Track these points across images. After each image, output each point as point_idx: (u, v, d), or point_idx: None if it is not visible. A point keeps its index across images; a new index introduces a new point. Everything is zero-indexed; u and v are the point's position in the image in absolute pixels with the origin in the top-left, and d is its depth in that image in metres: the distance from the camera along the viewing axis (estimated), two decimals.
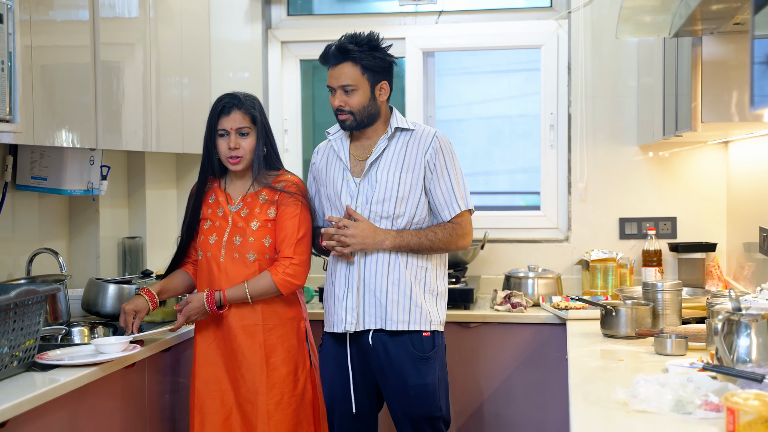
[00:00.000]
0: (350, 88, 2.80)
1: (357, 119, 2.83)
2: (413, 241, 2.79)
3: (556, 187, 4.06)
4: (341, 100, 2.81)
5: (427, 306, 2.84)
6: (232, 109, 2.80)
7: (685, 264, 3.74)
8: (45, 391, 2.25)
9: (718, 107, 2.52)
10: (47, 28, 2.70)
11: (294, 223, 2.83)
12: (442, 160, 2.83)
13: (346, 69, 2.80)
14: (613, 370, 2.41)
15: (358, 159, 2.90)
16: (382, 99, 2.85)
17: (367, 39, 2.82)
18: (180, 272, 2.97)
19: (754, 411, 1.68)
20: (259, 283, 2.80)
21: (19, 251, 3.16)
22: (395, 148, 2.86)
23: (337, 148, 2.92)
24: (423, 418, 2.84)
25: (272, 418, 2.82)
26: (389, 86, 2.87)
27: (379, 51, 2.83)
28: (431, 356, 2.83)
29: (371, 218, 2.83)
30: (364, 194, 2.84)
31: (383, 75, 2.84)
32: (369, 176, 2.85)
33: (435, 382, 2.83)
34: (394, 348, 2.82)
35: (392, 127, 2.87)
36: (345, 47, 2.80)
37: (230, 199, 2.89)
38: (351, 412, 2.89)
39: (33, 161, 3.11)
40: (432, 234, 2.81)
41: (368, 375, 2.89)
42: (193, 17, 3.86)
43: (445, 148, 2.85)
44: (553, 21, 4.03)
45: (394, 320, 2.81)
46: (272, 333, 2.86)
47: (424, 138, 2.85)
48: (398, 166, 2.83)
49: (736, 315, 2.13)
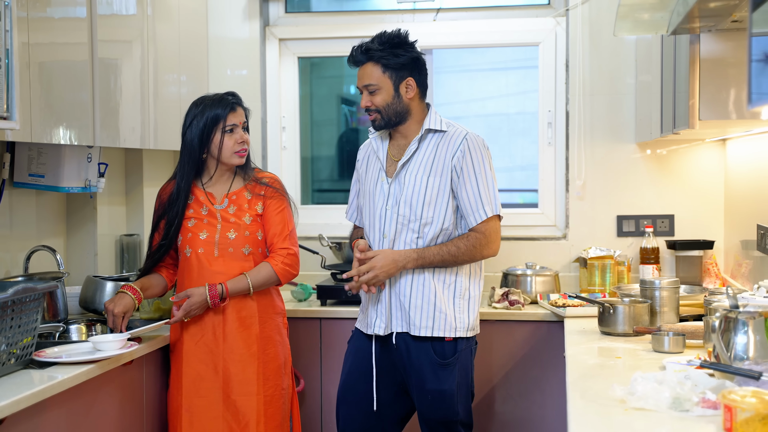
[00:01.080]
0: (373, 87, 2.81)
1: (384, 118, 2.83)
2: (436, 259, 2.77)
3: (553, 184, 4.06)
4: (367, 100, 2.83)
5: (453, 312, 2.82)
6: (236, 105, 2.90)
7: (683, 261, 3.75)
8: (42, 389, 2.25)
9: (716, 105, 2.52)
10: (45, 25, 2.70)
11: (283, 216, 2.93)
12: (469, 163, 2.79)
13: (368, 69, 2.82)
14: (610, 368, 2.41)
15: (393, 159, 2.89)
16: (409, 96, 2.83)
17: (388, 37, 2.81)
18: (155, 275, 2.99)
19: (752, 408, 1.68)
20: (260, 273, 2.87)
21: (17, 248, 3.15)
22: (425, 150, 2.83)
23: (375, 147, 2.93)
24: (439, 422, 2.85)
25: (267, 410, 2.88)
26: (416, 83, 2.84)
27: (401, 48, 2.81)
28: (451, 362, 2.82)
29: (399, 222, 2.82)
30: (394, 196, 2.84)
31: (408, 72, 2.82)
32: (399, 178, 2.84)
33: (453, 388, 2.81)
34: (415, 351, 2.82)
35: (423, 128, 2.84)
36: (366, 47, 2.81)
37: (213, 198, 2.92)
38: (366, 408, 2.89)
39: (30, 158, 3.11)
40: (454, 248, 2.77)
41: (392, 375, 2.89)
42: (191, 14, 3.86)
43: (474, 150, 2.80)
44: (551, 18, 4.03)
45: (417, 325, 2.81)
46: (266, 325, 2.94)
47: (454, 140, 2.81)
48: (426, 169, 2.81)
49: (733, 312, 2.14)
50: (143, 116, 3.36)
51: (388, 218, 2.84)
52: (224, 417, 2.86)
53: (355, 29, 4.09)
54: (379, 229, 2.86)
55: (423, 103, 2.89)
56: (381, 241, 2.85)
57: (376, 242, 2.87)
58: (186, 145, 2.89)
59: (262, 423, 2.87)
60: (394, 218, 2.83)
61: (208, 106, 2.86)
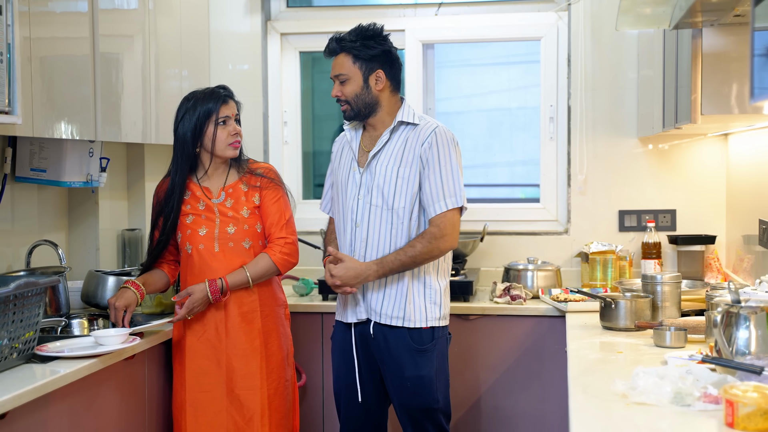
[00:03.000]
0: (343, 77, 2.86)
1: (354, 109, 2.88)
2: (395, 265, 2.80)
3: (555, 179, 4.06)
4: (337, 89, 2.88)
5: (425, 302, 2.86)
6: (228, 98, 2.91)
7: (685, 256, 3.74)
8: (45, 383, 2.26)
9: (718, 99, 2.52)
10: (46, 20, 2.70)
11: (279, 206, 2.94)
12: (435, 155, 2.82)
13: (340, 59, 2.87)
14: (612, 363, 2.41)
15: (365, 150, 2.93)
16: (378, 88, 2.86)
17: (362, 29, 2.87)
18: (157, 271, 3.00)
19: (753, 403, 1.68)
20: (258, 265, 2.88)
21: (19, 243, 3.16)
22: (396, 141, 2.87)
23: (349, 138, 2.97)
24: (419, 410, 2.86)
25: (272, 403, 2.90)
26: (386, 76, 2.87)
27: (373, 40, 2.85)
28: (429, 348, 2.85)
29: (372, 210, 2.85)
30: (365, 185, 2.87)
31: (379, 64, 2.86)
32: (370, 168, 2.88)
33: (432, 375, 2.85)
34: (393, 339, 2.85)
35: (396, 120, 2.88)
36: (340, 38, 2.87)
37: (209, 193, 2.92)
38: (357, 399, 2.92)
39: (32, 153, 3.11)
40: (411, 250, 2.79)
41: (373, 365, 2.92)
42: (193, 8, 3.85)
43: (441, 143, 2.83)
44: (553, 13, 4.02)
45: (389, 315, 2.84)
46: (268, 319, 2.95)
47: (424, 132, 2.85)
48: (397, 160, 2.85)
49: (735, 307, 2.14)
50: (145, 111, 3.36)
51: (360, 207, 2.87)
52: (228, 411, 2.87)
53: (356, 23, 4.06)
54: (351, 219, 2.89)
55: (395, 96, 2.93)
56: (353, 230, 2.88)
57: (348, 231, 2.90)
58: (179, 140, 2.89)
59: (267, 416, 2.88)
60: (366, 207, 2.86)
61: (200, 99, 2.87)
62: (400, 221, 2.84)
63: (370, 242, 2.85)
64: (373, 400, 2.95)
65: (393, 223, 2.84)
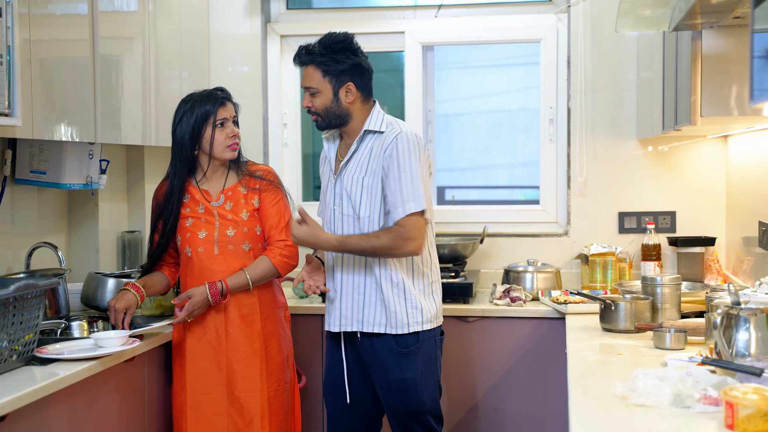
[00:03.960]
0: (313, 90, 2.84)
1: (325, 120, 2.87)
2: (355, 248, 2.76)
3: (555, 181, 4.06)
4: (308, 101, 2.87)
5: (406, 308, 2.82)
6: (226, 100, 2.91)
7: (684, 258, 3.75)
8: (44, 385, 2.26)
9: (718, 101, 2.52)
10: (46, 22, 2.70)
11: (279, 208, 2.94)
12: (395, 161, 2.76)
13: (309, 72, 2.84)
14: (612, 364, 2.41)
15: (340, 159, 2.92)
16: (348, 101, 2.83)
17: (332, 41, 2.81)
18: (157, 273, 3.00)
19: (753, 405, 1.68)
20: (258, 267, 2.89)
21: (19, 245, 3.15)
22: (363, 151, 2.86)
23: (326, 148, 2.97)
24: (406, 413, 2.86)
25: (272, 406, 2.90)
26: (356, 87, 2.83)
27: (343, 54, 2.81)
28: (413, 351, 2.83)
29: (344, 219, 2.84)
30: (338, 195, 2.87)
31: (349, 77, 2.82)
32: (341, 178, 2.87)
33: (416, 377, 2.83)
34: (378, 344, 2.84)
35: (363, 129, 2.85)
36: (309, 50, 2.83)
37: (208, 195, 2.92)
38: (345, 402, 2.92)
39: (32, 155, 3.11)
40: (376, 240, 2.73)
41: (363, 368, 2.92)
42: (192, 11, 3.86)
43: (401, 148, 2.76)
44: (553, 15, 4.02)
45: (371, 322, 2.83)
46: (268, 321, 2.96)
47: (387, 139, 2.80)
48: (362, 169, 2.83)
49: (735, 309, 2.14)
50: (144, 113, 3.36)
51: (336, 216, 2.87)
52: (229, 413, 2.88)
53: (356, 26, 4.08)
54: (328, 228, 2.89)
55: (367, 104, 2.89)
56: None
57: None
58: (177, 143, 2.90)
59: (267, 418, 2.88)
60: (339, 217, 2.86)
61: (198, 102, 2.87)
62: (366, 230, 2.80)
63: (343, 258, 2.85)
64: (364, 402, 2.94)
65: (360, 232, 2.81)
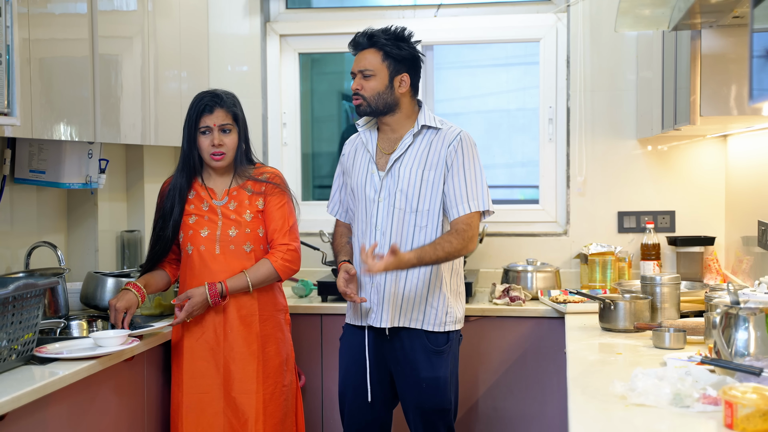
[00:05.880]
0: (369, 72, 2.83)
1: (371, 105, 2.84)
2: (431, 260, 2.73)
3: (554, 180, 4.06)
4: (358, 83, 2.84)
5: (444, 306, 2.85)
6: (214, 107, 2.85)
7: (684, 258, 3.75)
8: (44, 385, 2.26)
9: (717, 101, 2.52)
10: (45, 21, 2.70)
11: (283, 212, 2.93)
12: (460, 158, 2.81)
13: (368, 54, 2.84)
14: (611, 364, 2.41)
15: (383, 152, 2.91)
16: (401, 91, 2.85)
17: (394, 30, 2.86)
18: (158, 270, 3.00)
19: (752, 404, 1.68)
20: (259, 270, 2.87)
21: (18, 245, 3.15)
22: (420, 145, 2.86)
23: (365, 140, 2.94)
24: (434, 411, 2.87)
25: (267, 408, 2.88)
26: (410, 80, 2.86)
27: (405, 42, 2.85)
28: (445, 350, 2.86)
29: (396, 213, 2.83)
30: (386, 188, 2.85)
31: (405, 67, 2.85)
32: (392, 171, 2.86)
33: (447, 376, 2.86)
34: (408, 340, 2.85)
35: (419, 124, 2.87)
36: (372, 33, 2.84)
37: (213, 194, 2.92)
38: (366, 400, 2.91)
39: (31, 154, 3.11)
40: (448, 245, 2.75)
41: (383, 366, 2.91)
42: (192, 10, 3.85)
43: (466, 147, 2.83)
44: (552, 14, 4.02)
45: (408, 318, 2.84)
46: (267, 323, 2.94)
47: (449, 136, 2.84)
48: (421, 163, 2.83)
49: (734, 308, 2.14)
50: (144, 112, 3.36)
51: (382, 210, 2.85)
52: (225, 413, 2.87)
53: (355, 25, 4.06)
54: (371, 223, 2.86)
55: (414, 100, 2.92)
56: (373, 234, 2.85)
57: (368, 235, 2.87)
58: (182, 141, 2.91)
59: (261, 421, 2.87)
60: (389, 210, 2.84)
61: (192, 105, 2.87)
62: (424, 224, 2.82)
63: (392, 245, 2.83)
64: (381, 402, 2.94)
65: (417, 226, 2.82)
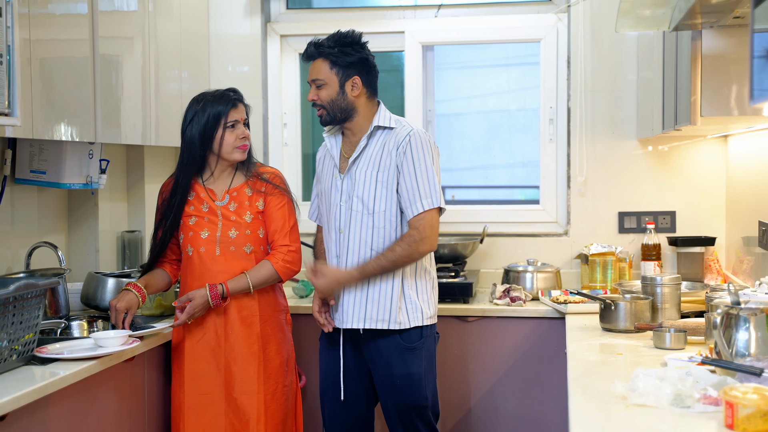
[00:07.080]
0: (320, 82, 2.88)
1: (330, 114, 2.89)
2: (376, 271, 2.81)
3: (555, 181, 4.06)
4: (313, 94, 2.90)
5: (408, 304, 2.86)
6: (238, 102, 2.91)
7: (684, 258, 3.75)
8: (44, 385, 2.26)
9: (718, 101, 2.52)
10: (46, 22, 2.70)
11: (284, 213, 2.94)
12: (410, 158, 2.82)
13: (317, 64, 2.89)
14: (611, 364, 2.41)
15: (345, 156, 2.94)
16: (354, 95, 2.87)
17: (340, 36, 2.88)
18: (159, 270, 3.00)
19: (753, 405, 1.68)
20: (260, 272, 2.88)
21: (18, 245, 3.15)
22: (375, 146, 2.88)
23: (330, 145, 2.98)
24: (410, 408, 2.88)
25: (268, 409, 2.89)
26: (362, 82, 2.88)
27: (351, 47, 2.86)
28: (417, 346, 2.87)
29: (354, 216, 2.86)
30: (347, 191, 2.89)
31: (355, 71, 2.86)
32: (350, 174, 2.89)
33: (420, 372, 2.87)
34: (382, 339, 2.87)
35: (372, 125, 2.89)
36: (318, 43, 2.89)
37: (213, 195, 2.91)
38: (340, 400, 2.94)
39: (32, 155, 3.11)
40: (391, 254, 2.80)
41: (361, 364, 2.94)
42: (192, 11, 3.86)
43: (415, 146, 2.82)
44: (553, 15, 4.02)
45: (373, 319, 2.86)
46: (267, 324, 2.95)
47: (400, 135, 2.85)
48: (375, 165, 2.86)
49: (734, 309, 2.14)
50: (144, 113, 3.36)
51: (343, 213, 2.89)
52: (226, 414, 2.88)
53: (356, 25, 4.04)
54: (335, 226, 2.91)
55: (372, 101, 2.93)
56: (338, 237, 2.90)
57: (333, 239, 2.92)
58: (186, 142, 2.89)
59: (263, 421, 2.88)
60: (348, 213, 2.87)
61: (209, 102, 2.86)
62: (381, 225, 2.84)
63: (351, 248, 2.87)
64: (361, 400, 2.96)
65: (374, 227, 2.85)
